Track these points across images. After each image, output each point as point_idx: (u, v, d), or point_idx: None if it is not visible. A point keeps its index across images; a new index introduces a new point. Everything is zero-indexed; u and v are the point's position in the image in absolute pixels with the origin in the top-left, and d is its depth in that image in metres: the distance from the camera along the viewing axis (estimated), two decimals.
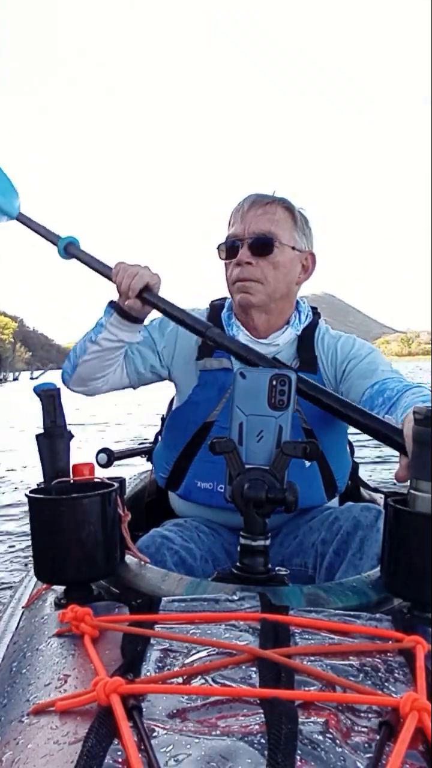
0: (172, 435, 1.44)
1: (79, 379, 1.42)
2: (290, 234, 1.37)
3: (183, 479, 1.38)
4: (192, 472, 1.37)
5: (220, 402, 1.35)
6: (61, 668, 0.66)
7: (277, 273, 1.35)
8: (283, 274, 1.36)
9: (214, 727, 0.50)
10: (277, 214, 1.36)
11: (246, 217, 1.35)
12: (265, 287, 1.35)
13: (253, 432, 0.91)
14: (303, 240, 1.40)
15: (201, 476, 1.35)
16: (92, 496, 0.84)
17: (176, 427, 1.43)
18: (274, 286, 1.36)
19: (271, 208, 1.36)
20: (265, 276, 1.34)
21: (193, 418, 1.38)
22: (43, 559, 0.86)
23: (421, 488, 0.78)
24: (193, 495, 1.37)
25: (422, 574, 0.76)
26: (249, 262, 1.34)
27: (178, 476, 1.40)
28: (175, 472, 1.40)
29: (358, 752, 0.48)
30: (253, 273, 1.34)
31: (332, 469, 1.39)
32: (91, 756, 0.46)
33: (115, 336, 1.32)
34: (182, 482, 1.38)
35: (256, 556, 0.88)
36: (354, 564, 1.16)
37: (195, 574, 1.16)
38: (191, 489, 1.37)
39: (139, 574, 0.91)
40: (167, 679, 0.59)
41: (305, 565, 1.29)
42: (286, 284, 1.38)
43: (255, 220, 1.34)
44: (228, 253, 1.38)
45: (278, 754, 0.46)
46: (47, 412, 0.96)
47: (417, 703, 0.51)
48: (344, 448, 1.49)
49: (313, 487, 1.36)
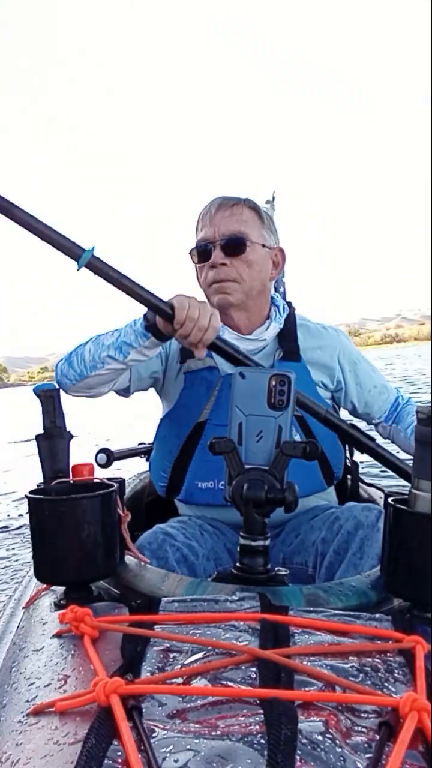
0: (166, 441, 1.44)
1: (85, 388, 1.38)
2: (258, 232, 1.40)
3: (183, 483, 1.38)
4: (191, 474, 1.37)
5: (210, 400, 1.36)
6: (61, 669, 0.66)
7: (252, 271, 1.39)
8: (256, 271, 1.40)
9: (213, 728, 0.50)
10: (244, 215, 1.39)
11: (215, 220, 1.38)
12: (242, 286, 1.38)
13: (253, 432, 0.91)
14: (271, 237, 1.44)
15: (201, 476, 1.35)
16: (92, 496, 0.84)
17: (169, 433, 1.43)
18: (250, 284, 1.39)
19: (237, 209, 1.39)
20: (241, 275, 1.37)
21: (185, 420, 1.38)
22: (42, 559, 0.86)
23: (422, 488, 0.79)
24: (195, 497, 1.37)
25: (422, 574, 0.76)
26: (224, 263, 1.37)
27: (178, 481, 1.39)
28: (174, 478, 1.40)
29: (358, 752, 0.48)
30: (228, 273, 1.37)
31: (327, 456, 1.41)
32: (90, 756, 0.46)
33: (146, 356, 1.29)
34: (182, 486, 1.38)
35: (256, 556, 0.88)
36: (354, 564, 1.17)
37: (197, 571, 1.16)
38: (193, 491, 1.37)
39: (139, 575, 0.91)
40: (167, 679, 0.59)
41: (305, 564, 1.29)
42: (261, 281, 1.42)
43: (224, 222, 1.37)
44: (201, 257, 1.41)
45: (278, 755, 0.46)
46: (47, 412, 0.96)
47: (417, 704, 0.51)
48: (334, 435, 1.51)
49: (311, 474, 1.38)
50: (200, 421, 1.36)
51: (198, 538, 1.27)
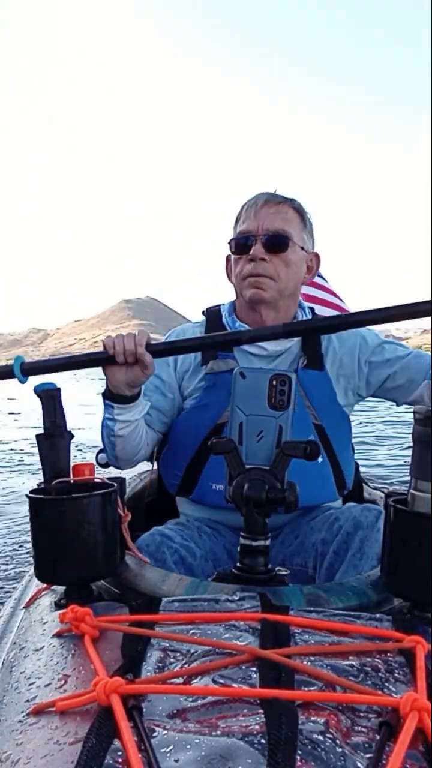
0: (182, 440, 1.43)
1: (126, 463, 1.44)
2: (300, 234, 1.40)
3: (196, 483, 1.38)
4: (206, 475, 1.36)
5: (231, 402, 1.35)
6: (62, 668, 0.66)
7: (289, 271, 1.38)
8: (293, 272, 1.39)
9: (214, 727, 0.50)
10: (289, 214, 1.39)
11: (259, 214, 1.37)
12: (277, 284, 1.37)
13: (253, 432, 0.91)
14: (309, 241, 1.43)
15: (215, 478, 1.34)
16: (92, 496, 0.84)
17: (186, 432, 1.42)
18: (285, 284, 1.38)
19: (283, 207, 1.39)
20: (278, 273, 1.36)
21: (204, 421, 1.38)
22: (43, 559, 0.86)
23: (422, 488, 0.79)
24: (207, 498, 1.36)
25: (422, 574, 0.76)
26: (263, 258, 1.35)
27: (191, 481, 1.39)
28: (188, 477, 1.40)
29: (358, 752, 0.48)
30: (266, 269, 1.36)
31: (341, 465, 1.40)
32: (91, 756, 0.46)
33: (128, 420, 1.32)
34: (195, 486, 1.38)
35: (257, 556, 0.88)
36: (354, 564, 1.17)
37: (195, 573, 1.16)
38: (206, 492, 1.36)
39: (139, 575, 0.91)
40: (167, 679, 0.59)
41: (305, 565, 1.29)
42: (295, 283, 1.41)
43: (269, 218, 1.36)
44: (240, 248, 1.39)
45: (278, 754, 0.46)
46: (47, 412, 0.96)
47: (417, 703, 0.51)
48: (350, 445, 1.51)
49: (326, 484, 1.37)
50: (220, 422, 1.35)
51: (196, 540, 1.27)
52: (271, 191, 1.43)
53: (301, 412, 1.29)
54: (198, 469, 1.37)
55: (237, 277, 1.41)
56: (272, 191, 1.43)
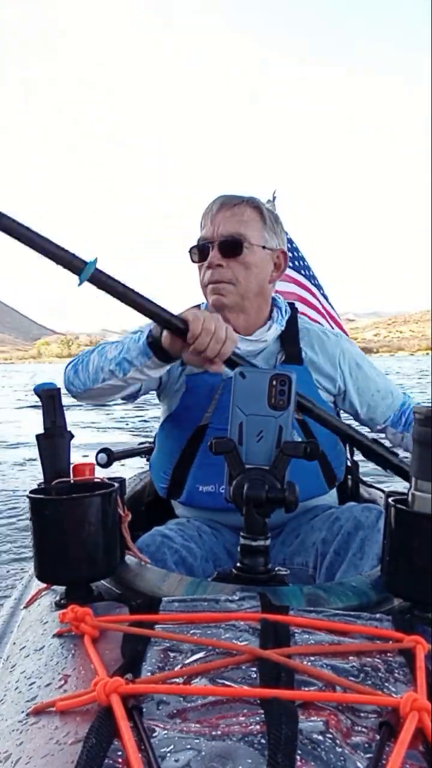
0: (167, 443, 1.43)
1: (88, 398, 1.39)
2: (260, 233, 1.38)
3: (184, 486, 1.38)
4: (192, 478, 1.36)
5: (211, 404, 1.35)
6: (62, 668, 0.66)
7: (248, 273, 1.36)
8: (254, 273, 1.37)
9: (214, 727, 0.50)
10: (245, 215, 1.37)
11: (215, 219, 1.36)
12: (237, 288, 1.36)
13: (253, 432, 0.91)
14: (273, 238, 1.41)
15: (202, 480, 1.35)
16: (92, 496, 0.84)
17: (170, 435, 1.42)
18: (245, 287, 1.37)
19: (239, 209, 1.37)
20: (236, 277, 1.35)
21: (186, 423, 1.38)
22: (43, 559, 0.86)
23: (422, 488, 0.79)
24: (196, 500, 1.37)
25: (422, 574, 0.76)
26: (219, 264, 1.35)
27: (179, 483, 1.39)
28: (175, 480, 1.40)
29: (358, 752, 0.48)
30: (224, 275, 1.35)
31: (329, 458, 1.41)
32: (91, 756, 0.46)
33: (147, 376, 1.26)
34: (183, 489, 1.38)
35: (257, 556, 0.88)
36: (354, 564, 1.17)
37: (195, 573, 1.16)
38: (193, 494, 1.36)
39: (140, 575, 0.91)
40: (167, 679, 0.59)
41: (306, 565, 1.29)
42: (258, 283, 1.39)
43: (224, 222, 1.35)
44: (200, 256, 1.39)
45: (278, 754, 0.46)
46: (47, 412, 0.96)
47: (417, 703, 0.51)
48: (336, 438, 1.50)
49: (315, 478, 1.38)
50: (201, 424, 1.35)
51: (196, 540, 1.27)
52: (228, 193, 1.41)
53: None
54: (184, 472, 1.37)
55: (201, 284, 1.41)
56: (228, 194, 1.41)
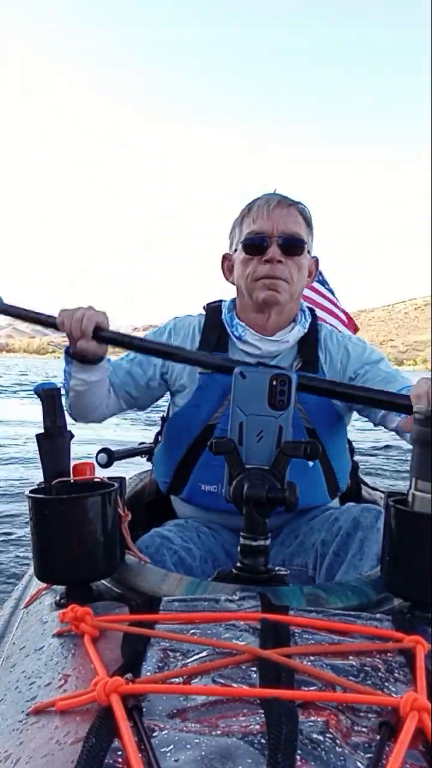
0: (174, 439, 1.43)
1: (78, 416, 1.44)
2: (308, 238, 1.40)
3: (186, 483, 1.38)
4: (195, 476, 1.36)
5: (223, 404, 1.34)
6: (62, 668, 0.66)
7: (300, 275, 1.39)
8: (303, 276, 1.40)
9: (214, 727, 0.50)
10: (299, 218, 1.39)
11: (273, 215, 1.36)
12: (290, 287, 1.37)
13: (253, 432, 0.91)
14: (311, 245, 1.44)
15: (205, 479, 1.34)
16: (92, 496, 0.84)
17: (177, 431, 1.42)
18: (297, 287, 1.39)
19: (294, 210, 1.38)
20: (292, 276, 1.37)
21: (195, 421, 1.37)
22: (43, 559, 0.86)
23: (422, 488, 0.79)
24: (197, 498, 1.37)
25: (422, 574, 0.76)
26: (280, 261, 1.35)
27: (181, 480, 1.39)
28: (178, 476, 1.40)
29: (358, 752, 0.48)
30: (282, 272, 1.36)
31: (334, 468, 1.40)
32: (91, 756, 0.46)
33: (83, 380, 1.33)
34: (185, 486, 1.38)
35: (257, 556, 0.88)
36: (354, 565, 1.17)
37: (194, 574, 1.16)
38: (195, 492, 1.36)
39: (140, 574, 0.91)
40: (167, 679, 0.59)
41: (305, 565, 1.29)
42: (302, 286, 1.42)
43: (283, 220, 1.36)
44: (254, 249, 1.37)
45: (278, 754, 0.46)
46: (47, 412, 0.96)
47: (417, 703, 0.51)
48: (345, 448, 1.50)
49: (317, 487, 1.37)
50: (210, 423, 1.35)
51: (195, 541, 1.27)
52: (271, 191, 1.42)
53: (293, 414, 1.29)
54: (188, 470, 1.37)
55: (248, 277, 1.39)
56: (272, 191, 1.42)
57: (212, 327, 1.45)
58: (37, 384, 1.00)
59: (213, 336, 1.44)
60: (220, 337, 1.43)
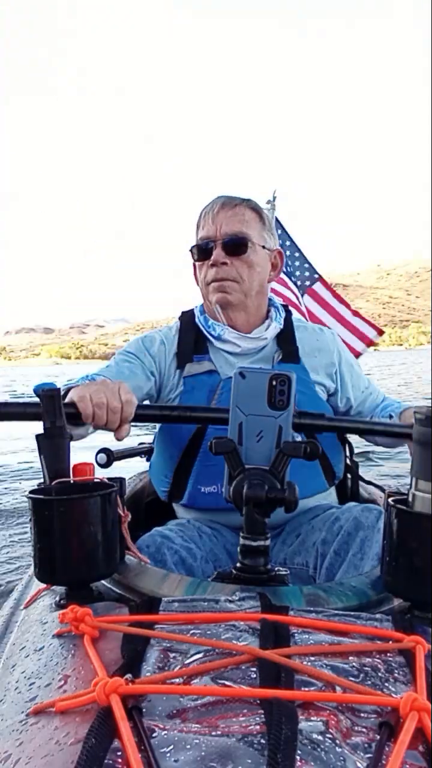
0: (167, 446, 1.43)
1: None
2: (260, 234, 1.41)
3: (185, 488, 1.38)
4: (194, 479, 1.36)
5: (211, 405, 1.36)
6: (61, 668, 0.66)
7: (252, 272, 1.40)
8: (256, 272, 1.41)
9: (214, 728, 0.50)
10: (246, 215, 1.40)
11: (217, 219, 1.39)
12: (241, 286, 1.39)
13: (253, 432, 0.91)
14: (271, 239, 1.45)
15: (204, 481, 1.35)
16: (92, 496, 0.84)
17: (170, 438, 1.43)
18: (249, 285, 1.40)
19: (240, 209, 1.40)
20: (240, 275, 1.39)
21: (186, 425, 1.38)
22: (43, 559, 0.86)
23: (422, 488, 0.79)
24: (198, 501, 1.37)
25: (422, 574, 0.76)
26: (224, 262, 1.38)
27: (180, 486, 1.39)
28: (177, 482, 1.40)
29: (358, 752, 0.48)
30: (228, 273, 1.38)
31: (328, 456, 1.42)
32: (91, 756, 0.46)
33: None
34: (185, 491, 1.38)
35: (257, 556, 0.88)
36: (354, 564, 1.17)
37: (195, 573, 1.16)
38: (196, 496, 1.37)
39: (140, 575, 0.91)
40: (167, 679, 0.59)
41: (306, 565, 1.29)
42: (259, 282, 1.43)
43: (226, 221, 1.38)
44: (201, 255, 1.42)
45: (278, 755, 0.46)
46: (47, 412, 0.96)
47: (417, 704, 0.51)
48: (334, 436, 1.52)
49: (315, 476, 1.39)
50: (201, 426, 1.36)
51: (196, 540, 1.27)
52: (226, 194, 1.44)
53: None
54: (186, 474, 1.38)
55: (202, 282, 1.44)
56: (227, 195, 1.43)
57: (187, 331, 1.47)
58: (36, 384, 1.00)
59: (190, 340, 1.45)
60: (197, 340, 1.45)
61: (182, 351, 1.44)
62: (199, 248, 1.41)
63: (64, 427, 0.97)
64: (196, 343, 1.44)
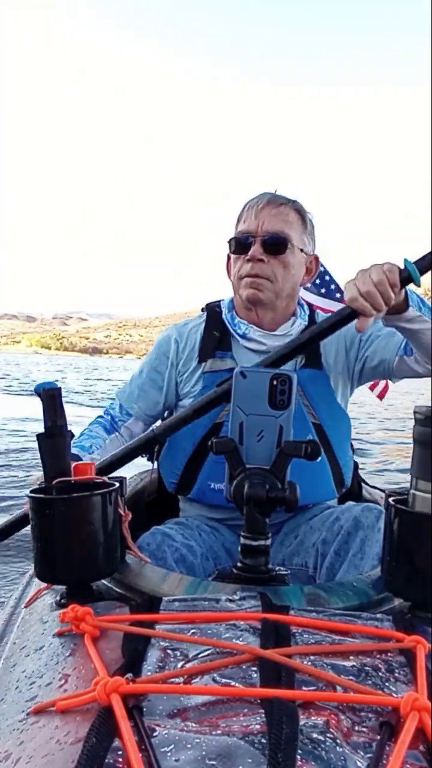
0: (180, 439, 1.43)
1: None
2: (300, 237, 1.40)
3: (194, 482, 1.38)
4: (204, 475, 1.36)
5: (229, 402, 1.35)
6: (62, 668, 0.66)
7: (286, 273, 1.38)
8: (291, 274, 1.39)
9: (214, 727, 0.50)
10: (290, 216, 1.39)
11: (260, 215, 1.37)
12: (274, 285, 1.38)
13: (254, 431, 0.91)
14: (310, 244, 1.44)
15: (213, 477, 1.35)
16: (93, 495, 0.84)
17: (184, 431, 1.42)
18: (282, 285, 1.39)
19: (285, 209, 1.39)
20: (275, 274, 1.37)
21: (202, 420, 1.37)
22: (43, 558, 0.86)
23: (422, 488, 0.79)
24: (206, 497, 1.37)
25: (423, 574, 0.76)
26: (261, 259, 1.36)
27: (189, 480, 1.39)
28: (186, 476, 1.40)
29: (359, 752, 0.48)
30: (264, 270, 1.36)
31: (340, 463, 1.41)
32: (91, 756, 0.46)
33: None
34: (194, 485, 1.38)
35: (257, 555, 0.88)
36: (355, 564, 1.17)
37: (195, 571, 1.16)
38: (204, 491, 1.36)
39: (140, 574, 0.91)
40: (168, 678, 0.59)
41: (306, 565, 1.29)
42: (292, 285, 1.42)
43: (269, 219, 1.37)
44: (239, 248, 1.40)
45: (279, 754, 0.46)
46: (48, 411, 0.96)
47: (417, 703, 0.51)
48: (349, 444, 1.51)
49: (325, 482, 1.38)
50: (217, 422, 1.36)
51: (196, 538, 1.27)
52: (272, 191, 1.43)
53: (300, 411, 1.30)
54: (196, 468, 1.38)
55: (235, 276, 1.42)
56: (273, 191, 1.43)
57: (213, 327, 1.46)
58: (37, 383, 1.00)
59: (215, 336, 1.44)
60: (222, 337, 1.44)
61: (205, 345, 1.43)
62: (238, 241, 1.39)
63: (65, 427, 0.97)
64: (221, 340, 1.43)
